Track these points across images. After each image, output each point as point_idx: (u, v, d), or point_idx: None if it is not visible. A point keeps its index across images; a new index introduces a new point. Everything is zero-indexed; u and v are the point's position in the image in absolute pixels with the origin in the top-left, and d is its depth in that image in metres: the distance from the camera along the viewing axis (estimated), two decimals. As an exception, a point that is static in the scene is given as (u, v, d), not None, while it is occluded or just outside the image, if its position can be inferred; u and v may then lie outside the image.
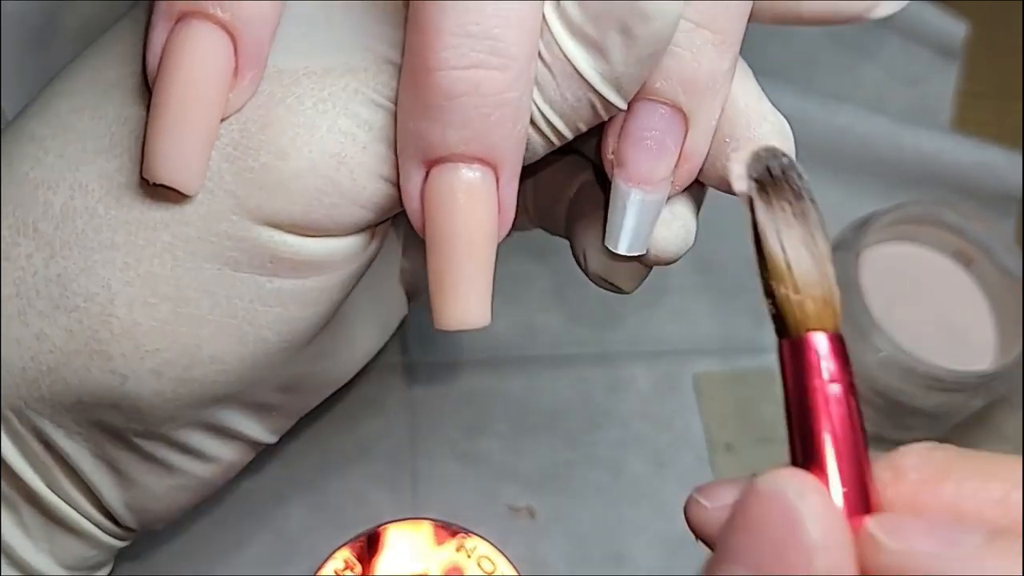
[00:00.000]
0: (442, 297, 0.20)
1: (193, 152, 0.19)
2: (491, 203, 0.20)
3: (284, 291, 0.21)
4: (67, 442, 0.23)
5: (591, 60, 0.20)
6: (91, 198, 0.21)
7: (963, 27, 0.49)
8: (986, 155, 0.45)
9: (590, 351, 0.40)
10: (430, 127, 0.19)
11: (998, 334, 0.39)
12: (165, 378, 0.21)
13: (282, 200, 0.20)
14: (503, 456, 0.37)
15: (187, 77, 0.19)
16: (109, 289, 0.21)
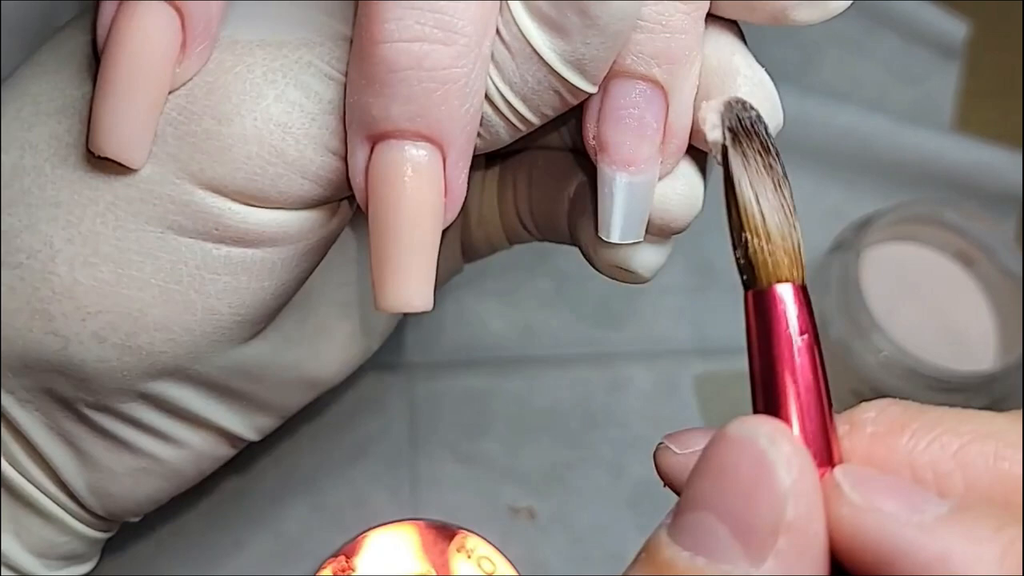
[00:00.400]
0: (383, 277, 0.20)
1: (138, 126, 0.19)
2: (436, 183, 0.19)
3: (233, 259, 0.21)
4: (19, 411, 0.22)
5: (550, 41, 0.19)
6: (39, 157, 0.21)
7: (964, 26, 0.49)
8: (987, 155, 0.45)
9: (590, 351, 0.40)
10: (374, 101, 0.19)
11: (999, 334, 0.38)
12: (108, 344, 0.21)
13: (225, 166, 0.20)
14: (503, 457, 0.37)
15: (133, 52, 0.19)
16: (51, 246, 0.21)
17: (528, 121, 0.21)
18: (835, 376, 0.39)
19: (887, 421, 0.17)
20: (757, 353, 0.17)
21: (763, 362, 0.17)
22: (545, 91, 0.20)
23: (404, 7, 0.18)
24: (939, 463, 0.16)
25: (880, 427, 0.16)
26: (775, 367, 0.17)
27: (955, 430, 0.16)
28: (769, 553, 0.15)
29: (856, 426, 0.17)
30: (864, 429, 0.17)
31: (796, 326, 0.17)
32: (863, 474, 0.16)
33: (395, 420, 0.38)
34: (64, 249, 0.21)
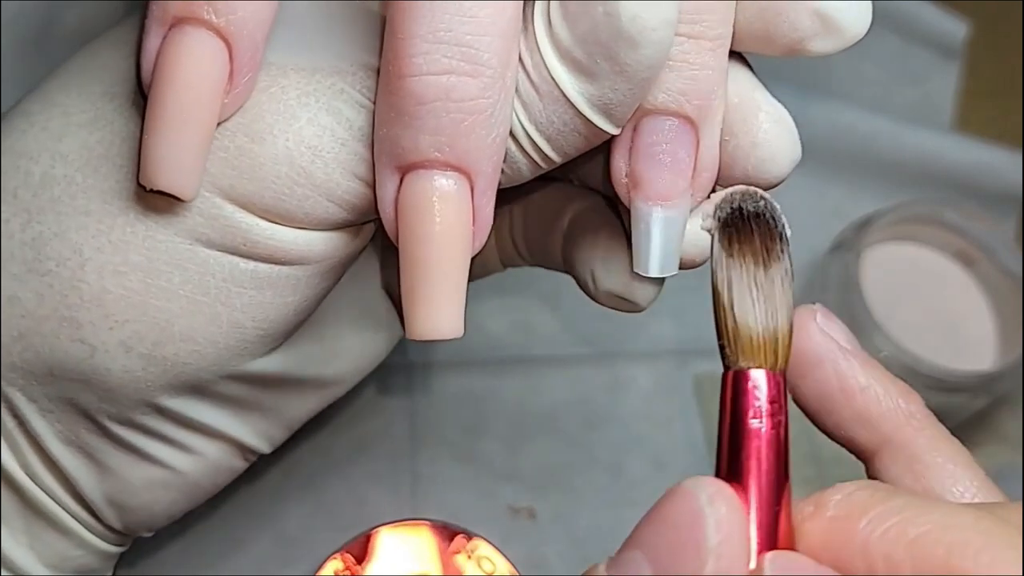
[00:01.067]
0: (414, 306, 0.20)
1: (189, 159, 0.19)
2: (465, 212, 0.20)
3: (259, 274, 0.21)
4: (40, 421, 0.23)
5: (578, 83, 0.19)
6: (70, 167, 0.21)
7: (964, 27, 0.49)
8: (987, 155, 0.45)
9: (590, 351, 0.40)
10: (403, 133, 0.19)
11: (999, 334, 0.38)
12: (134, 353, 0.21)
13: (255, 183, 0.20)
14: (503, 457, 0.37)
15: (182, 84, 0.19)
16: (81, 254, 0.21)
17: (551, 160, 0.21)
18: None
19: (849, 505, 0.17)
20: (727, 427, 0.18)
21: (730, 437, 0.18)
22: (570, 132, 0.20)
23: (431, 42, 0.18)
24: (892, 552, 0.16)
25: (841, 511, 0.17)
26: (739, 445, 0.17)
27: (915, 520, 0.16)
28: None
29: (820, 508, 0.17)
30: (825, 512, 0.17)
31: (765, 410, 0.18)
32: (792, 562, 0.16)
33: (395, 420, 0.38)
34: (94, 257, 0.21)
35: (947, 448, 0.20)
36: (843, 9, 0.20)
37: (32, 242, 0.21)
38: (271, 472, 0.36)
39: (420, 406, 0.38)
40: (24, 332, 0.21)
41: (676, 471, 0.38)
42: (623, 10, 0.18)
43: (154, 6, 0.19)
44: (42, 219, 0.21)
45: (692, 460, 0.38)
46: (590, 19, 0.19)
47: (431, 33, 0.18)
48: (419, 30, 0.18)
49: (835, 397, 0.22)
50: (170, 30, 0.19)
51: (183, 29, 0.19)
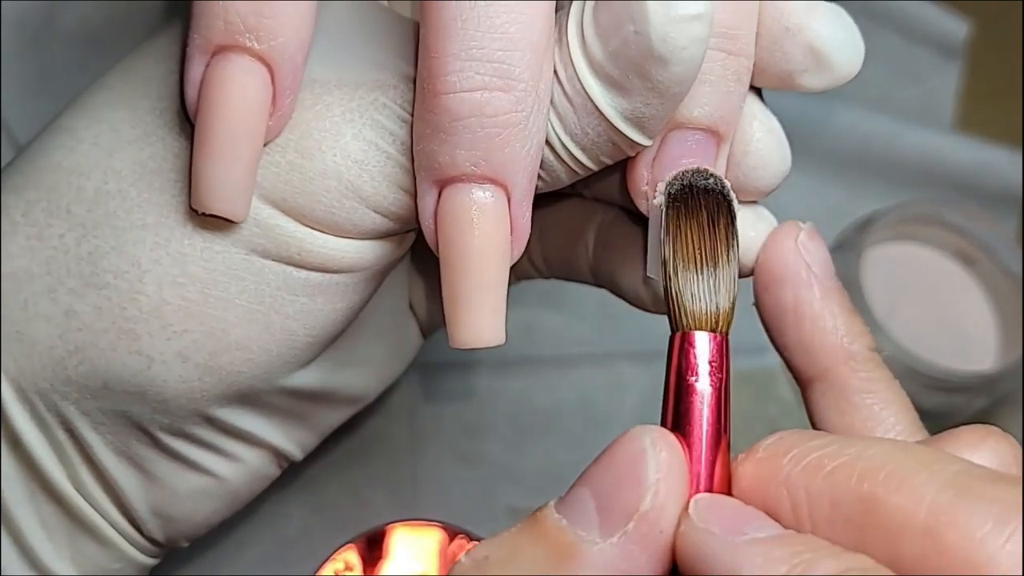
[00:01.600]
0: (456, 316, 0.21)
1: (239, 183, 0.20)
2: (503, 222, 0.20)
3: (311, 282, 0.22)
4: (92, 434, 0.23)
5: (611, 98, 0.20)
6: (124, 182, 0.21)
7: (964, 26, 0.49)
8: (988, 155, 0.45)
9: (590, 351, 0.40)
10: (440, 148, 0.20)
11: (1000, 334, 0.38)
12: (191, 363, 0.22)
13: (305, 197, 0.21)
14: (503, 457, 0.37)
15: (228, 112, 0.20)
16: (139, 267, 0.21)
17: (587, 167, 0.21)
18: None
19: (776, 446, 0.18)
20: (672, 384, 0.20)
21: (675, 392, 0.20)
22: (604, 143, 0.21)
23: (463, 59, 0.19)
24: (811, 484, 0.17)
25: (768, 452, 0.18)
26: (681, 400, 0.20)
27: (833, 454, 0.17)
28: (618, 531, 0.17)
29: (751, 452, 0.18)
30: (756, 454, 0.18)
31: (705, 369, 0.20)
32: (717, 502, 0.18)
33: (395, 420, 0.38)
34: (152, 269, 0.21)
35: (881, 392, 0.22)
36: (838, 47, 0.21)
37: (89, 256, 0.21)
38: (271, 472, 0.36)
39: (420, 406, 0.38)
40: (81, 345, 0.22)
41: (676, 471, 0.38)
42: (653, 30, 0.19)
43: (195, 35, 0.20)
44: (98, 233, 0.21)
45: (692, 460, 0.38)
46: (621, 37, 0.19)
47: (463, 51, 0.19)
48: (451, 48, 0.19)
49: (787, 318, 0.23)
50: (213, 58, 0.20)
51: (226, 57, 0.20)
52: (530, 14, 0.19)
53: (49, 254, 0.21)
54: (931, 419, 0.37)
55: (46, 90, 0.36)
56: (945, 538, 0.15)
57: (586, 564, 0.17)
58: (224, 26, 0.19)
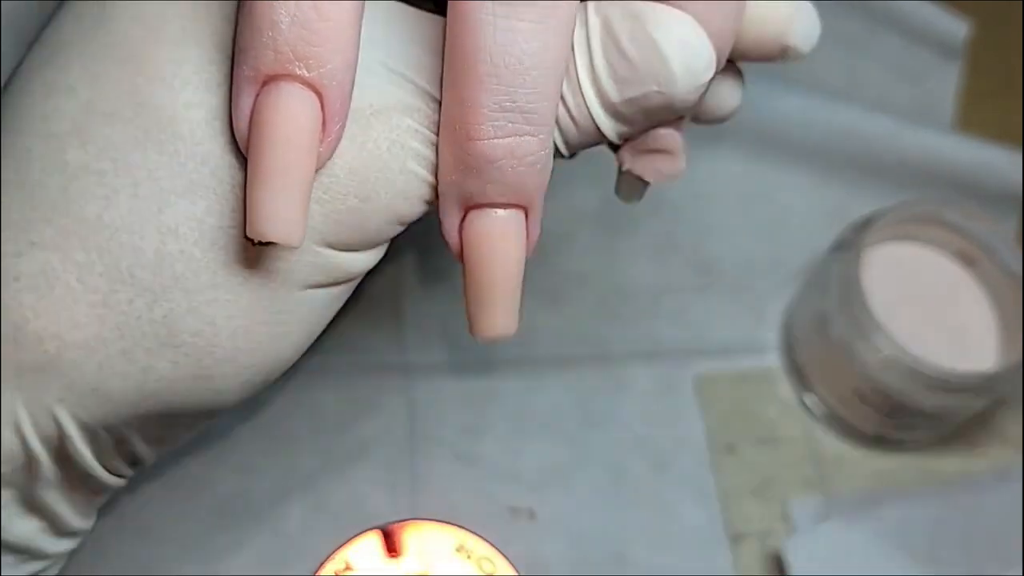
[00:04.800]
0: (479, 314, 0.24)
1: (294, 209, 0.21)
2: (521, 238, 0.23)
3: (342, 294, 0.24)
4: (136, 436, 0.24)
5: (616, 126, 0.24)
6: (185, 241, 0.22)
7: (964, 26, 0.49)
8: (988, 154, 0.45)
9: (590, 351, 0.40)
10: (471, 182, 0.22)
11: (1000, 334, 0.38)
12: (250, 384, 0.24)
13: (359, 233, 0.23)
14: (503, 457, 0.37)
15: (281, 140, 0.20)
16: (214, 324, 0.22)
17: (565, 157, 0.25)
18: (837, 376, 0.39)
19: None
20: None
21: None
22: (589, 144, 0.24)
23: (497, 111, 0.21)
24: None
25: None
26: None
27: None
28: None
29: None
30: None
31: None
32: None
33: (395, 420, 0.38)
34: (226, 325, 0.22)
35: None
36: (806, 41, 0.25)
37: (163, 320, 0.22)
38: (271, 472, 0.36)
39: (420, 406, 0.38)
40: (157, 391, 0.23)
41: (676, 471, 0.38)
42: (677, 93, 0.22)
43: (244, 67, 0.20)
44: (169, 297, 0.22)
45: (693, 460, 0.38)
46: (642, 92, 0.23)
47: (497, 104, 0.21)
48: (486, 101, 0.21)
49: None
50: (263, 88, 0.20)
51: (277, 86, 0.20)
52: (553, 66, 0.21)
53: (120, 320, 0.22)
54: (931, 419, 0.37)
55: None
56: None
57: None
58: (274, 56, 0.20)
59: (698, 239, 0.43)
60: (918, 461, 0.39)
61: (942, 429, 0.38)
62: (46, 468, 0.23)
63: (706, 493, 0.37)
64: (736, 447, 0.38)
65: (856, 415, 0.38)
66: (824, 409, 0.39)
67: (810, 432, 0.39)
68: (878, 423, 0.38)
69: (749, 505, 0.37)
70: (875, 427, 0.38)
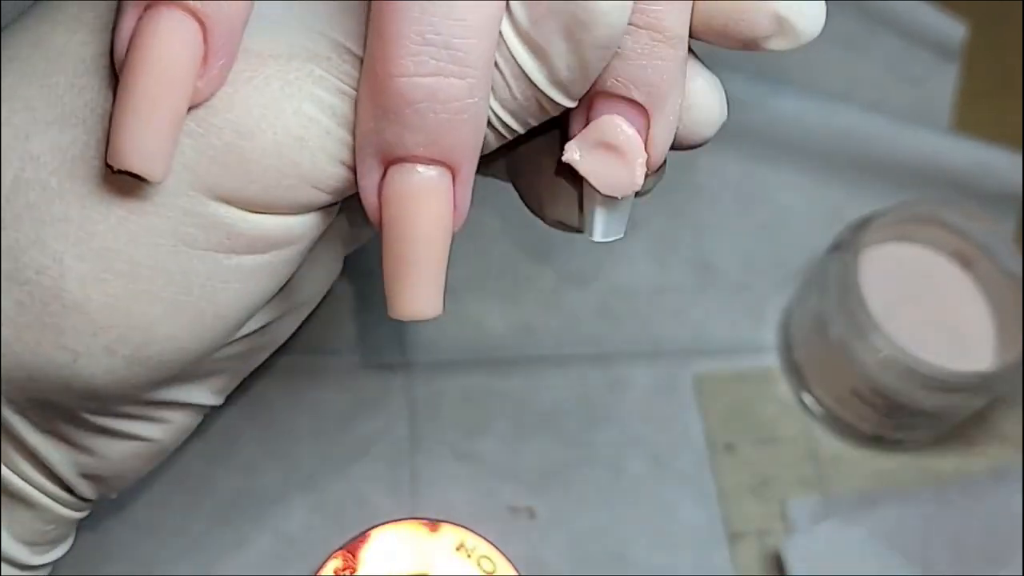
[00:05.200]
0: (398, 289, 0.21)
1: (160, 140, 0.19)
2: (447, 202, 0.20)
3: (243, 267, 0.21)
4: (16, 418, 0.23)
5: (538, 64, 0.20)
6: (43, 170, 0.20)
7: (962, 27, 0.49)
8: (986, 155, 0.45)
9: (590, 351, 0.40)
10: (388, 128, 0.20)
11: (998, 334, 0.39)
12: (118, 356, 0.21)
13: (241, 178, 0.20)
14: (503, 456, 0.37)
15: (155, 65, 0.19)
16: (61, 263, 0.20)
17: (514, 131, 0.22)
18: (835, 376, 0.39)
19: None
20: None
21: None
22: (531, 105, 0.21)
23: (419, 43, 0.19)
24: None
25: None
26: None
27: None
28: None
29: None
30: None
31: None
32: None
33: (395, 420, 0.38)
34: (75, 266, 0.20)
35: None
36: (801, 13, 0.21)
37: (8, 251, 0.21)
38: (272, 472, 0.36)
39: (420, 406, 0.38)
40: (6, 339, 0.21)
41: (676, 471, 0.38)
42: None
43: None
44: (18, 227, 0.20)
45: (692, 460, 0.38)
46: (547, 4, 0.20)
47: (419, 35, 0.19)
48: (408, 31, 0.19)
49: None
50: (145, 11, 0.19)
51: (158, 10, 0.19)
52: (488, 5, 0.19)
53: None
54: (930, 419, 0.37)
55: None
56: None
57: None
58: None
59: (698, 239, 0.43)
60: (916, 460, 0.39)
61: (940, 429, 0.38)
62: None
63: (705, 492, 0.38)
64: (735, 447, 0.39)
65: (854, 415, 0.38)
66: (823, 409, 0.39)
67: (809, 432, 0.39)
68: (876, 423, 0.38)
69: (748, 504, 0.37)
70: (873, 427, 0.38)
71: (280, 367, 0.38)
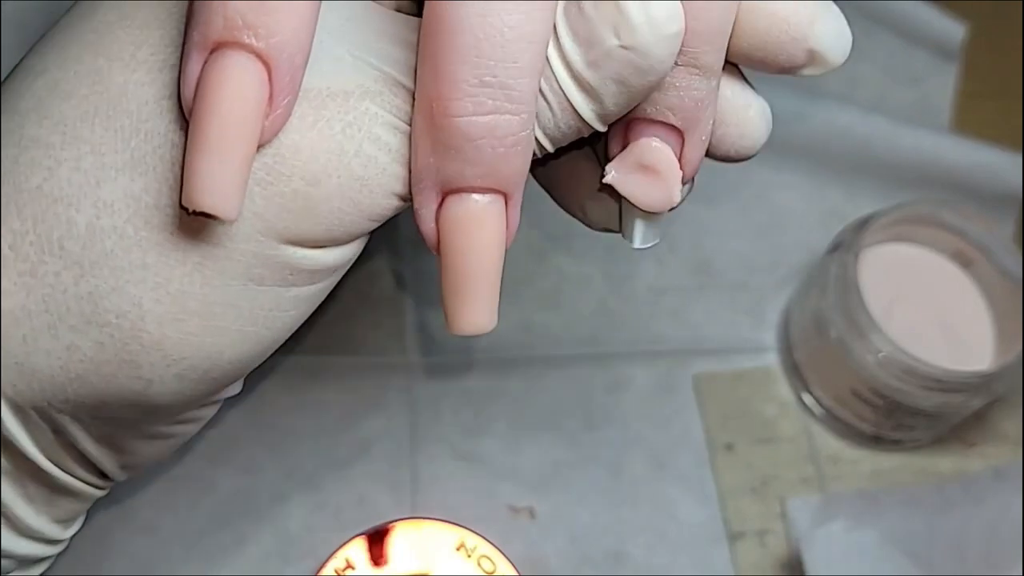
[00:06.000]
0: (456, 307, 0.22)
1: (231, 181, 0.20)
2: (501, 225, 0.22)
3: (300, 296, 0.23)
4: (80, 433, 0.24)
5: (588, 101, 0.22)
6: (118, 218, 0.21)
7: (962, 27, 0.49)
8: (986, 156, 0.45)
9: (590, 351, 0.40)
10: (448, 164, 0.21)
11: (997, 334, 0.39)
12: (187, 380, 0.23)
13: (308, 222, 0.21)
14: (503, 456, 0.38)
15: (224, 108, 0.20)
16: (140, 307, 0.21)
17: (548, 152, 0.23)
18: (835, 376, 0.39)
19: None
20: None
21: None
22: (572, 134, 0.22)
23: (476, 86, 0.20)
24: None
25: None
26: None
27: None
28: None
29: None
30: None
31: None
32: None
33: (395, 420, 0.38)
34: (153, 309, 0.21)
35: None
36: (834, 47, 0.24)
37: (88, 296, 0.21)
38: (272, 471, 0.36)
39: (420, 406, 0.38)
40: (82, 374, 0.22)
41: (675, 470, 0.38)
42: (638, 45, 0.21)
43: (194, 32, 0.20)
44: (96, 273, 0.21)
45: (692, 460, 0.38)
46: (604, 50, 0.21)
47: (477, 78, 0.20)
48: (465, 75, 0.20)
49: None
50: (211, 55, 0.20)
51: (224, 53, 0.20)
52: (538, 44, 0.20)
53: (46, 292, 0.21)
54: (929, 419, 0.37)
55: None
56: None
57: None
58: (223, 22, 0.19)
59: (697, 239, 0.43)
60: (916, 460, 0.39)
61: (939, 428, 0.38)
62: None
63: (705, 492, 0.38)
64: (735, 446, 0.39)
65: (854, 414, 0.38)
66: (822, 409, 0.39)
67: (808, 431, 0.39)
68: (876, 422, 0.38)
69: (747, 504, 0.37)
70: (873, 426, 0.38)
71: (281, 367, 0.38)
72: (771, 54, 0.23)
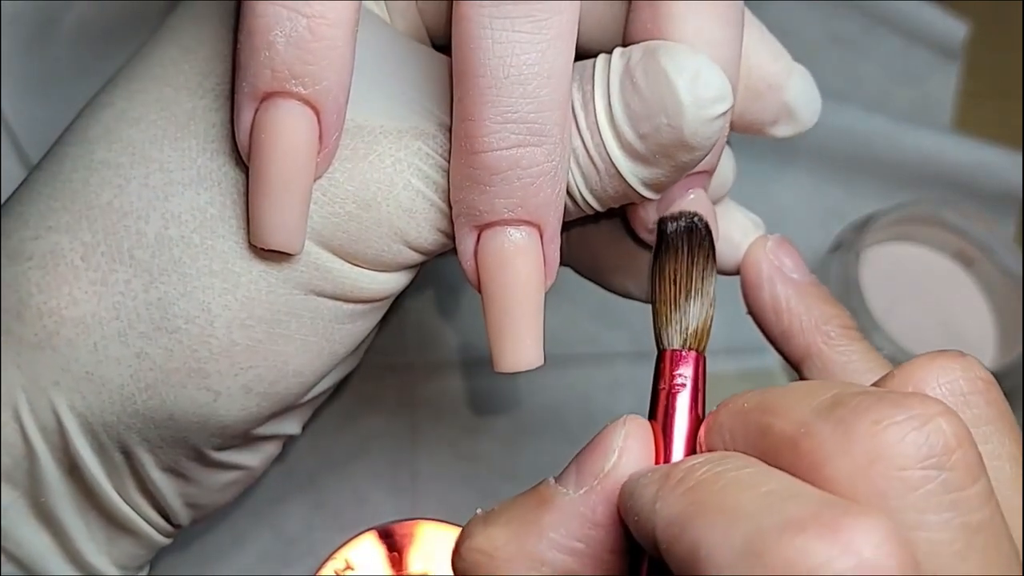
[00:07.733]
0: (500, 344, 0.23)
1: (294, 218, 0.22)
2: (537, 259, 0.23)
3: (356, 312, 0.24)
4: (147, 455, 0.24)
5: (636, 170, 0.23)
6: (185, 228, 0.22)
7: (963, 27, 0.49)
8: (986, 155, 0.45)
9: (590, 351, 0.40)
10: (480, 198, 0.22)
11: (998, 334, 0.39)
12: (253, 393, 0.24)
13: (359, 243, 0.23)
14: (503, 456, 0.37)
15: (280, 153, 0.21)
16: (209, 312, 0.23)
17: (595, 209, 0.24)
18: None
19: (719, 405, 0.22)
20: (656, 389, 0.23)
21: (655, 395, 0.23)
22: (619, 197, 0.24)
23: (499, 123, 0.21)
24: (733, 424, 0.21)
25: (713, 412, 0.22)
26: (659, 401, 0.23)
27: (752, 397, 0.20)
28: (586, 486, 0.21)
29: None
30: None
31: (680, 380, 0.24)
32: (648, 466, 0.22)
33: (396, 419, 0.38)
34: (222, 314, 0.23)
35: (858, 361, 0.26)
36: (806, 104, 0.25)
37: (158, 303, 0.22)
38: (271, 472, 0.36)
39: (420, 406, 0.38)
40: (152, 383, 0.23)
41: (676, 471, 0.38)
42: (686, 125, 0.22)
43: (244, 84, 0.21)
44: (165, 280, 0.22)
45: (692, 460, 0.38)
46: (653, 125, 0.22)
47: (499, 115, 0.21)
48: (488, 113, 0.21)
49: (769, 316, 0.27)
50: (261, 104, 0.21)
51: (275, 103, 0.21)
52: (557, 78, 0.21)
53: (116, 299, 0.22)
54: (930, 419, 0.37)
55: (47, 89, 0.36)
56: (801, 445, 0.18)
57: (556, 508, 0.21)
58: (271, 74, 0.21)
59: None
60: (917, 460, 0.39)
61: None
62: (47, 467, 0.23)
63: (705, 492, 0.38)
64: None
65: (855, 414, 0.38)
66: (823, 409, 0.39)
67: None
68: (877, 422, 0.38)
69: (748, 504, 0.37)
70: (874, 426, 0.38)
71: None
72: (748, 102, 0.25)
